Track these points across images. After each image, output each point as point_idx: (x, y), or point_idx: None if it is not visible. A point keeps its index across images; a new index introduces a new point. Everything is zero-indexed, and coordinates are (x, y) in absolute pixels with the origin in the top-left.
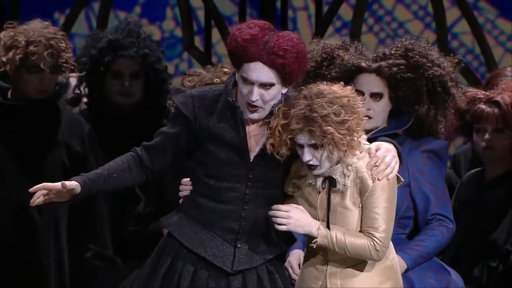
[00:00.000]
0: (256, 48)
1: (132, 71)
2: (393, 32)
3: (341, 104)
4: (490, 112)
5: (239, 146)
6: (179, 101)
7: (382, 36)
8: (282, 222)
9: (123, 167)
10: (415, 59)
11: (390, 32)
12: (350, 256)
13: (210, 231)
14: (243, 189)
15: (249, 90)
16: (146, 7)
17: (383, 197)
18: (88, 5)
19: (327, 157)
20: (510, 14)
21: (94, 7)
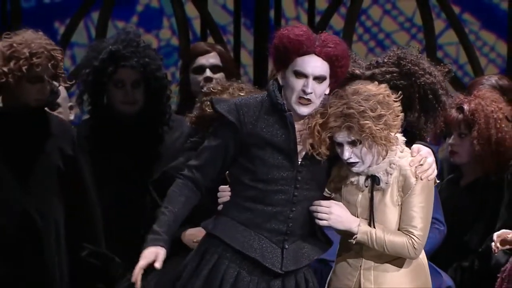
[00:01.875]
0: (310, 42)
1: (134, 80)
2: (380, 43)
3: (377, 100)
4: (454, 117)
5: (288, 149)
6: (224, 109)
7: (372, 45)
8: (323, 217)
9: (182, 200)
10: (407, 67)
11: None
12: (388, 253)
13: (257, 233)
14: (291, 191)
15: (304, 83)
16: (143, 17)
17: (423, 197)
18: (87, 15)
19: (366, 153)
20: (493, 26)
21: (94, 17)
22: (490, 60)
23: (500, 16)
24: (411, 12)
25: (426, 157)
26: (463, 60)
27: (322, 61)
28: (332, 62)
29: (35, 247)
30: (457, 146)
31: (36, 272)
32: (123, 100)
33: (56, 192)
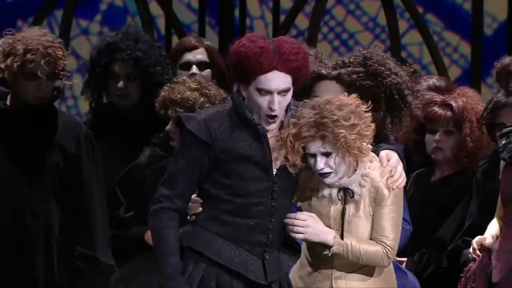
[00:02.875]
0: (269, 58)
1: (127, 73)
2: (344, 42)
3: (349, 110)
4: (443, 114)
5: (263, 162)
6: (194, 127)
7: (336, 44)
8: (299, 231)
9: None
10: (373, 67)
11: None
12: (362, 263)
13: (238, 247)
14: (269, 202)
15: (269, 100)
16: (107, 16)
17: (394, 206)
18: (50, 14)
19: (339, 163)
20: (456, 27)
21: (57, 15)
22: (453, 60)
23: (463, 17)
24: (375, 12)
25: (396, 166)
26: (426, 61)
27: (284, 75)
28: (295, 73)
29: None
30: (443, 142)
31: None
32: (116, 93)
33: (55, 192)
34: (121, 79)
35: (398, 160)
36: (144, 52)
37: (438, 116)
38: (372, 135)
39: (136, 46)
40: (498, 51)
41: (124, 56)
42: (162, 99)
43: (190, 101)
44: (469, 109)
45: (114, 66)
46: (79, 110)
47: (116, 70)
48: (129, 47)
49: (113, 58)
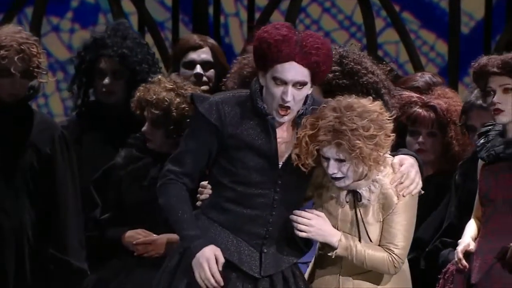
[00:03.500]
0: (289, 48)
1: (113, 70)
2: None
3: (371, 118)
4: (426, 116)
5: (269, 153)
6: (206, 109)
7: None
8: (303, 229)
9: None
10: (350, 66)
11: None
12: (366, 268)
13: (236, 236)
14: (271, 195)
15: (283, 90)
16: (78, 13)
17: (405, 215)
18: (21, 11)
19: (353, 171)
20: (432, 25)
21: (27, 12)
22: (429, 59)
23: (440, 15)
24: (350, 10)
25: (408, 171)
26: (403, 59)
27: (302, 67)
28: (314, 68)
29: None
30: (426, 144)
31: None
32: (102, 90)
33: (29, 192)
34: (107, 76)
35: (412, 165)
36: (130, 49)
37: (422, 118)
38: (391, 144)
39: (124, 43)
40: (475, 50)
41: (110, 53)
42: (138, 100)
43: (166, 102)
44: (453, 111)
45: (100, 63)
46: (50, 109)
47: (102, 67)
48: (116, 44)
49: (99, 55)
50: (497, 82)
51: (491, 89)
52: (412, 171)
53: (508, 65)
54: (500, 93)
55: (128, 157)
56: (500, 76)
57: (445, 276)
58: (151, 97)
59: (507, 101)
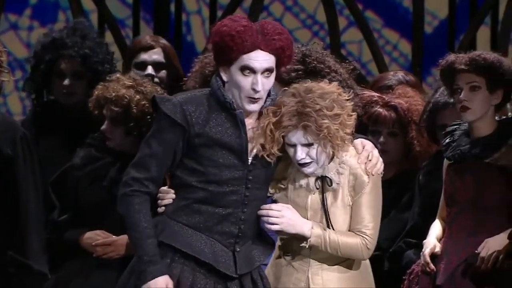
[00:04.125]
0: (252, 37)
1: (74, 71)
2: None
3: (332, 99)
4: (387, 115)
5: (239, 148)
6: (170, 109)
7: None
8: (274, 222)
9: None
10: (313, 64)
11: None
12: (340, 255)
13: (208, 237)
14: (243, 191)
15: (252, 80)
16: (37, 10)
17: (373, 194)
18: None
19: (321, 153)
20: (395, 24)
21: None
22: (392, 58)
23: (402, 14)
24: (313, 9)
25: (372, 151)
26: (365, 58)
27: (268, 54)
28: (279, 54)
29: None
30: (387, 144)
31: None
32: (62, 91)
33: None
34: (67, 77)
35: (373, 146)
36: (91, 49)
37: (383, 118)
38: (354, 124)
39: (84, 43)
40: (438, 49)
41: (71, 53)
42: (96, 98)
43: (125, 99)
44: (413, 111)
45: (60, 63)
46: (8, 108)
47: (62, 68)
48: (76, 44)
49: (59, 55)
50: (464, 80)
51: (458, 87)
52: (374, 151)
53: (475, 62)
54: (467, 91)
55: (86, 157)
56: (467, 74)
57: (410, 277)
58: (110, 95)
59: (473, 99)
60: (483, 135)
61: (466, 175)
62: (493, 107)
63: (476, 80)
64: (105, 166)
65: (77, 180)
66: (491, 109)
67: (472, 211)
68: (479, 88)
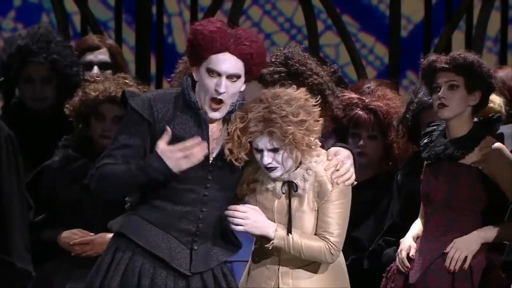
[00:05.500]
0: (224, 39)
1: (43, 76)
2: None
3: (298, 105)
4: (367, 118)
5: None
6: (138, 105)
7: None
8: (239, 223)
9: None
10: (295, 67)
11: None
12: (304, 258)
13: (166, 233)
14: (201, 190)
15: (216, 82)
16: (21, 12)
17: (339, 202)
18: None
19: (287, 158)
20: (371, 28)
21: None
22: (368, 62)
23: (378, 18)
24: (291, 13)
25: (343, 161)
26: (342, 61)
27: (236, 59)
28: (247, 60)
29: None
30: (367, 147)
31: None
32: (32, 96)
33: None
34: (36, 83)
35: (347, 156)
36: (59, 53)
37: (363, 121)
38: (320, 129)
39: (50, 48)
40: (413, 52)
41: (40, 60)
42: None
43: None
44: (392, 113)
45: (28, 70)
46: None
47: (31, 74)
48: (43, 50)
49: (26, 62)
50: (444, 78)
51: (438, 85)
52: (347, 162)
53: (455, 61)
54: (446, 89)
55: (64, 158)
56: (447, 72)
57: (388, 275)
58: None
59: (451, 97)
60: (459, 136)
61: (440, 175)
62: (470, 108)
63: (455, 79)
64: (84, 165)
65: (53, 180)
66: (468, 110)
67: (445, 211)
68: (457, 87)
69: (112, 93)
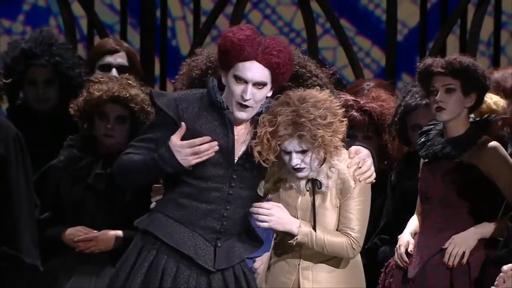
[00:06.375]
0: (252, 48)
1: (45, 78)
2: None
3: (325, 107)
4: (362, 120)
5: (225, 147)
6: (164, 104)
7: None
8: (264, 220)
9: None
10: (295, 69)
11: None
12: (327, 253)
13: (191, 230)
14: (226, 189)
15: (243, 89)
16: (30, 16)
17: (360, 199)
18: None
19: (314, 159)
20: (368, 32)
21: None
22: (365, 65)
23: (375, 23)
24: (290, 17)
25: (365, 159)
26: (340, 64)
27: (263, 68)
28: (274, 69)
29: None
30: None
31: None
32: (36, 98)
33: None
34: (39, 85)
35: (368, 155)
36: (61, 55)
37: (358, 122)
38: (345, 130)
39: (52, 50)
40: (408, 56)
41: (43, 62)
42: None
43: (138, 98)
44: (387, 115)
45: (31, 72)
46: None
47: (34, 76)
48: (45, 52)
49: (30, 64)
50: (440, 82)
51: (434, 89)
52: (368, 160)
53: (451, 65)
54: (443, 93)
55: (69, 157)
56: (443, 76)
57: (386, 270)
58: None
59: (448, 100)
60: (455, 135)
61: (438, 173)
62: (466, 109)
63: (451, 83)
64: (88, 165)
65: (58, 179)
66: (464, 111)
67: (442, 208)
68: (454, 90)
69: (115, 93)
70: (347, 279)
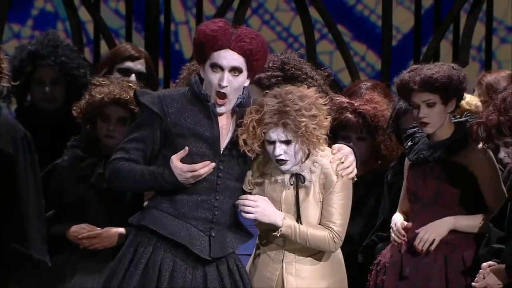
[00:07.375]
0: (225, 37)
1: (52, 78)
2: None
3: (310, 101)
4: (356, 121)
5: (211, 138)
6: (148, 101)
7: None
8: (249, 211)
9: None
10: (291, 71)
11: None
12: (309, 246)
13: (185, 222)
14: (214, 179)
15: (220, 77)
16: (38, 20)
17: (342, 194)
18: None
19: (297, 151)
20: (363, 37)
21: None
22: (360, 68)
23: (370, 28)
24: (288, 22)
25: (347, 155)
26: (336, 68)
27: (237, 55)
28: (247, 56)
29: None
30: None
31: None
32: (43, 98)
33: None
34: (46, 85)
35: (350, 152)
36: (67, 56)
37: (352, 124)
38: (329, 126)
39: (58, 51)
40: (402, 60)
41: (49, 62)
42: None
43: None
44: (380, 116)
45: (38, 73)
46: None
47: (41, 77)
48: (52, 53)
49: (37, 65)
50: (420, 98)
51: (415, 104)
52: (350, 156)
53: (427, 83)
54: (424, 107)
55: (73, 157)
56: (421, 93)
57: (377, 268)
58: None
59: (431, 114)
60: (442, 139)
61: (429, 175)
62: (449, 113)
63: (430, 98)
64: (91, 165)
65: (62, 178)
66: (447, 116)
67: (433, 207)
68: (434, 104)
69: (116, 95)
70: (329, 272)
